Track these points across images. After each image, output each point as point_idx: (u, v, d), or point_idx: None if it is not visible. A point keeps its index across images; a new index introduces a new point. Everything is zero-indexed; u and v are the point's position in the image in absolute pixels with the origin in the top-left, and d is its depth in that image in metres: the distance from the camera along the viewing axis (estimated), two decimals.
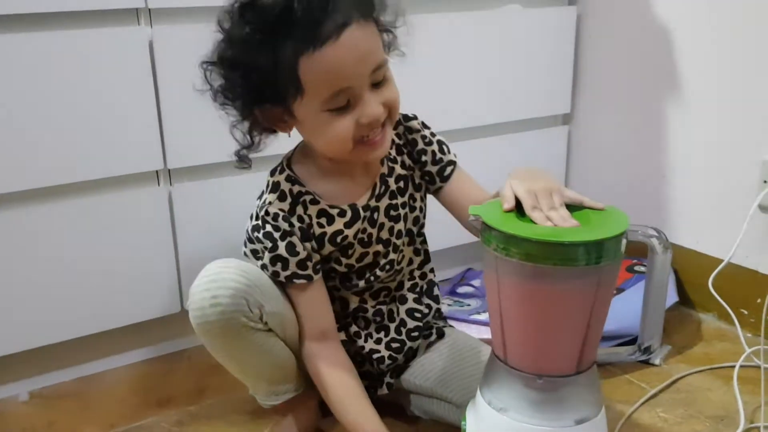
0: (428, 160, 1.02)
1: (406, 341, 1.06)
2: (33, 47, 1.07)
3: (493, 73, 1.52)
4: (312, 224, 0.96)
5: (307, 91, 0.84)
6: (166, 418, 1.14)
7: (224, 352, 0.97)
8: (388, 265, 1.01)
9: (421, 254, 1.08)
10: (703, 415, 1.11)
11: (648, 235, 0.83)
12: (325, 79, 0.82)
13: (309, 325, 1.00)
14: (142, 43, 1.15)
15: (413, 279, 1.07)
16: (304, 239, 0.96)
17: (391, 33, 0.91)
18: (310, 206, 0.96)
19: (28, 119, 1.09)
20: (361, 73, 0.84)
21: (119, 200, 1.19)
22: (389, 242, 1.00)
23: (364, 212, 0.98)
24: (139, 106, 1.17)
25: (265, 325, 0.95)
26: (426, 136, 1.02)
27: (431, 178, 1.03)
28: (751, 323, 1.33)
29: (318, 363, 1.00)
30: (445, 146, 1.03)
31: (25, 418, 1.15)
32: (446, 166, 1.02)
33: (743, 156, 1.33)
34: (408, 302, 1.05)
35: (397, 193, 1.00)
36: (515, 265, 0.73)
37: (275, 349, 0.99)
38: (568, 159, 1.70)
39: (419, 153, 1.02)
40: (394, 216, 1.00)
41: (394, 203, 1.00)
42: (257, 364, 0.99)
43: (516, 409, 0.80)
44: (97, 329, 1.23)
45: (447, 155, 1.03)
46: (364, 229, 0.98)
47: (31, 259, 1.14)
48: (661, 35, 1.45)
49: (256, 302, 0.93)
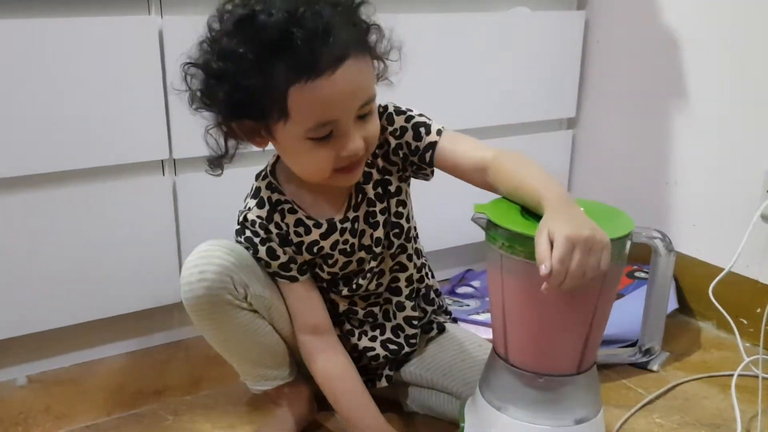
0: (407, 152, 0.95)
1: (404, 346, 1.06)
2: (43, 33, 1.07)
3: (499, 74, 1.52)
4: (289, 232, 0.96)
5: (292, 118, 0.81)
6: (163, 406, 1.15)
7: (211, 330, 0.98)
8: (369, 273, 1.00)
9: (413, 257, 1.04)
10: (699, 423, 1.11)
11: (652, 237, 0.83)
12: (314, 110, 0.80)
13: (299, 320, 1.00)
14: (152, 32, 1.15)
15: (411, 284, 1.04)
16: (283, 245, 0.96)
17: (383, 62, 0.88)
18: (288, 215, 0.96)
19: (35, 104, 1.09)
20: (350, 107, 0.82)
21: (123, 188, 1.19)
22: (371, 249, 0.99)
23: (341, 224, 0.96)
24: (147, 95, 1.17)
25: (250, 305, 0.97)
26: (397, 129, 0.94)
27: (418, 166, 0.97)
28: (750, 333, 1.33)
29: (314, 357, 1.00)
30: (422, 128, 0.94)
31: (22, 402, 1.15)
32: (425, 152, 0.94)
33: (747, 165, 1.34)
34: (406, 309, 1.04)
35: (375, 199, 0.97)
36: (520, 264, 0.73)
37: (262, 331, 1.00)
38: (572, 163, 1.70)
39: (395, 151, 0.96)
40: (372, 223, 0.98)
41: (372, 210, 0.97)
42: (243, 344, 1.00)
43: (516, 408, 0.80)
44: (96, 316, 1.23)
45: (424, 139, 0.93)
46: (345, 240, 0.97)
47: (33, 244, 1.15)
48: (668, 42, 1.45)
49: (242, 281, 0.94)
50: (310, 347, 1.00)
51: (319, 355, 1.00)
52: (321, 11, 0.78)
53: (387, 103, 0.95)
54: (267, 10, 0.77)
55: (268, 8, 0.77)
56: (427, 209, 1.07)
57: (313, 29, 0.77)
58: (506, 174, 0.85)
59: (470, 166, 0.90)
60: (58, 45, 1.09)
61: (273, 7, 0.77)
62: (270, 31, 0.77)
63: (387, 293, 1.03)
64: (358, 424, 0.98)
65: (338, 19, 0.79)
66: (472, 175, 0.91)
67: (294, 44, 0.76)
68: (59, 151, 1.13)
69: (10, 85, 1.07)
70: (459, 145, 0.93)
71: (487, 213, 0.79)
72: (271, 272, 0.98)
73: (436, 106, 1.14)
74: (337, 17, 0.79)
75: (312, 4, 0.78)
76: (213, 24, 0.83)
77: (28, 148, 1.10)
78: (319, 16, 0.77)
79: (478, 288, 1.51)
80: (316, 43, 0.77)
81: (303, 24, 0.76)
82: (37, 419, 1.11)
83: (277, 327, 1.02)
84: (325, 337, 1.01)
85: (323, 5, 0.78)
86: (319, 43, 0.77)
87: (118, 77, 1.14)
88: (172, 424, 1.10)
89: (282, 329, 1.02)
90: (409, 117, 0.95)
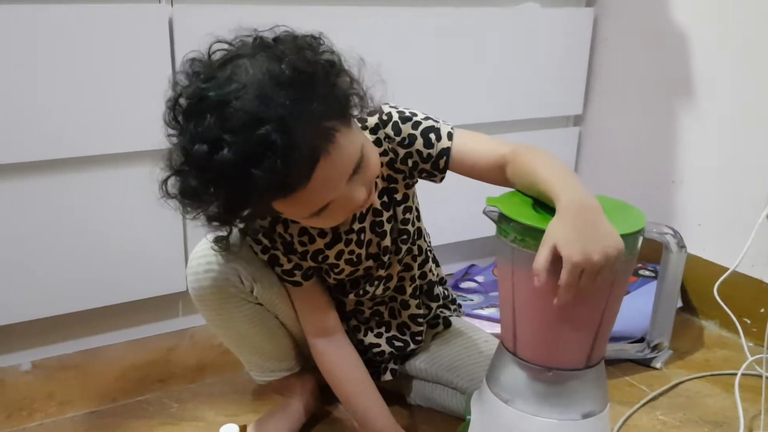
0: (417, 160, 0.90)
1: (410, 343, 1.06)
2: (52, 20, 1.07)
3: (506, 70, 1.52)
4: (293, 241, 0.94)
5: (286, 214, 0.81)
6: (167, 394, 1.15)
7: (216, 320, 0.98)
8: (377, 281, 0.99)
9: (417, 257, 1.01)
10: (702, 420, 1.12)
11: (663, 233, 0.83)
12: (304, 208, 0.78)
13: (307, 323, 1.00)
14: (162, 21, 1.15)
15: (414, 282, 1.03)
16: (288, 252, 0.94)
17: (364, 103, 0.80)
18: (292, 224, 0.92)
19: (41, 91, 1.09)
20: (339, 187, 0.77)
21: (130, 176, 1.19)
22: (378, 257, 0.97)
23: (347, 236, 0.93)
24: (156, 83, 1.16)
25: (256, 298, 0.97)
26: (405, 138, 0.89)
27: (429, 173, 0.92)
28: (753, 332, 1.33)
29: (324, 359, 1.00)
30: (432, 134, 0.89)
31: (26, 387, 1.15)
32: (438, 159, 0.89)
33: (753, 165, 1.34)
34: (411, 308, 1.04)
35: (381, 209, 0.94)
36: (532, 257, 0.73)
37: (268, 324, 1.00)
38: (578, 160, 1.70)
39: (403, 160, 0.90)
40: (380, 232, 0.95)
41: (380, 220, 0.94)
42: (248, 335, 1.00)
43: (523, 401, 0.80)
44: (102, 303, 1.23)
45: (436, 146, 0.89)
46: (351, 251, 0.95)
47: (40, 230, 1.14)
48: (676, 41, 1.45)
49: (249, 276, 0.94)
50: (320, 349, 1.00)
51: (329, 357, 1.00)
52: (279, 123, 0.68)
53: (389, 110, 0.89)
54: (218, 139, 0.68)
55: (219, 137, 0.68)
56: (431, 205, 1.07)
57: (272, 160, 0.68)
58: (523, 169, 0.82)
59: (489, 165, 0.88)
60: (69, 32, 1.08)
61: (226, 134, 0.68)
62: (229, 173, 0.69)
63: (392, 292, 1.03)
64: (369, 425, 0.98)
65: (300, 122, 0.69)
66: (490, 174, 0.88)
67: (257, 181, 0.69)
68: (68, 138, 1.12)
69: (18, 73, 1.07)
70: (475, 146, 0.89)
71: (498, 206, 0.78)
72: (276, 274, 0.96)
73: (442, 101, 1.14)
74: (300, 119, 0.69)
75: (267, 114, 0.68)
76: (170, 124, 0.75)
77: (37, 135, 1.10)
78: (277, 136, 0.67)
79: (482, 283, 1.51)
80: (280, 173, 0.69)
81: (261, 160, 0.68)
82: (41, 405, 1.11)
83: (283, 320, 1.02)
84: (334, 338, 1.00)
85: (281, 107, 0.68)
86: (283, 171, 0.69)
87: (127, 65, 1.14)
88: (176, 412, 1.10)
89: (288, 322, 1.02)
90: (416, 123, 0.89)
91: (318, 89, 0.72)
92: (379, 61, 0.77)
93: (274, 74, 0.70)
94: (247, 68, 0.71)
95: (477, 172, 0.90)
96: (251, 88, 0.69)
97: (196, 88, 0.72)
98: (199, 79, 0.72)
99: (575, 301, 0.70)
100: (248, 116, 0.68)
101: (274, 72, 0.70)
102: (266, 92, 0.69)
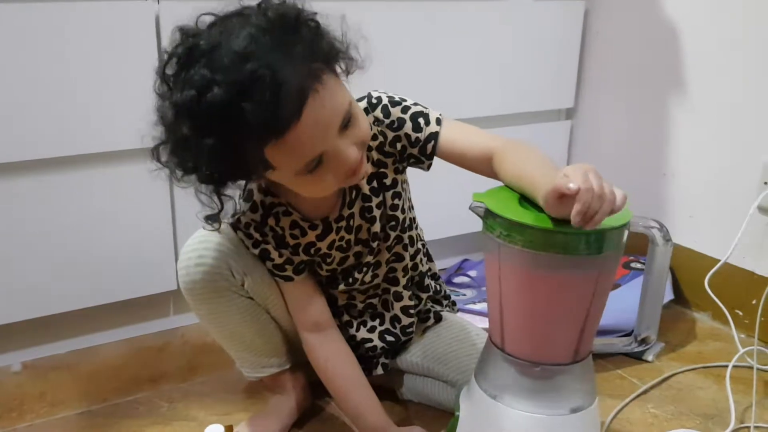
0: (405, 144, 0.92)
1: (401, 336, 1.06)
2: (38, 18, 1.06)
3: (497, 64, 1.52)
4: (285, 235, 0.94)
5: (279, 167, 0.79)
6: (158, 393, 1.15)
7: (207, 315, 0.98)
8: (365, 267, 0.99)
9: (408, 246, 1.01)
10: (693, 413, 1.12)
11: (649, 227, 0.83)
12: (295, 156, 0.77)
13: (299, 318, 1.00)
14: (148, 18, 1.14)
15: (407, 273, 1.03)
16: (280, 247, 0.94)
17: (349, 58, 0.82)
18: (283, 218, 0.93)
19: (29, 90, 1.08)
20: (330, 135, 0.78)
21: (119, 175, 1.18)
22: (367, 243, 0.98)
23: (336, 223, 0.94)
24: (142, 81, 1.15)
25: (247, 292, 0.97)
26: (394, 121, 0.91)
27: (417, 158, 0.93)
28: (745, 324, 1.33)
29: (317, 354, 1.00)
30: (421, 118, 0.91)
31: (17, 388, 1.15)
32: (426, 144, 0.91)
33: (744, 157, 1.34)
34: (403, 299, 1.03)
35: (370, 194, 0.94)
36: (518, 253, 0.73)
37: (259, 319, 1.00)
38: (570, 153, 1.70)
39: (392, 143, 0.92)
40: (369, 218, 0.95)
41: (369, 206, 0.95)
42: (240, 331, 1.00)
43: (511, 397, 0.80)
44: (92, 303, 1.23)
45: (424, 130, 0.91)
46: (341, 237, 0.95)
47: (30, 230, 1.14)
48: (667, 34, 1.44)
49: (240, 270, 0.94)
50: (312, 343, 1.00)
51: (322, 353, 1.00)
52: (267, 60, 0.71)
53: (380, 94, 0.92)
54: (208, 81, 0.71)
55: (208, 79, 0.71)
56: (424, 198, 1.07)
57: (262, 93, 0.70)
58: (509, 163, 0.83)
59: (477, 155, 0.89)
60: (54, 30, 1.08)
61: (216, 74, 0.71)
62: (220, 113, 0.71)
63: (385, 284, 1.03)
64: (362, 420, 0.99)
65: (287, 61, 0.72)
66: (478, 164, 0.89)
67: (248, 116, 0.71)
68: (56, 137, 1.12)
69: (5, 72, 1.06)
70: (463, 134, 0.91)
71: (485, 202, 0.78)
72: (267, 269, 0.97)
73: (433, 94, 1.13)
74: (286, 58, 0.72)
75: (255, 52, 0.71)
76: (161, 89, 0.78)
77: (26, 135, 1.09)
78: (265, 70, 0.70)
79: (475, 278, 1.51)
80: (270, 106, 0.71)
81: (251, 93, 0.70)
82: (32, 405, 1.10)
83: (274, 315, 1.02)
84: (326, 332, 1.00)
85: (268, 48, 0.72)
86: (273, 104, 0.71)
87: (113, 63, 1.13)
88: (167, 412, 1.10)
89: (279, 317, 1.02)
90: (406, 108, 0.91)
91: (303, 36, 0.76)
92: (367, 53, 0.81)
93: (260, 25, 0.74)
94: (235, 24, 0.74)
95: (467, 162, 0.91)
96: (240, 33, 0.72)
97: (186, 44, 0.75)
98: (189, 36, 0.76)
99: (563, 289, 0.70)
100: (236, 55, 0.71)
101: (261, 23, 0.74)
102: (254, 35, 0.72)
